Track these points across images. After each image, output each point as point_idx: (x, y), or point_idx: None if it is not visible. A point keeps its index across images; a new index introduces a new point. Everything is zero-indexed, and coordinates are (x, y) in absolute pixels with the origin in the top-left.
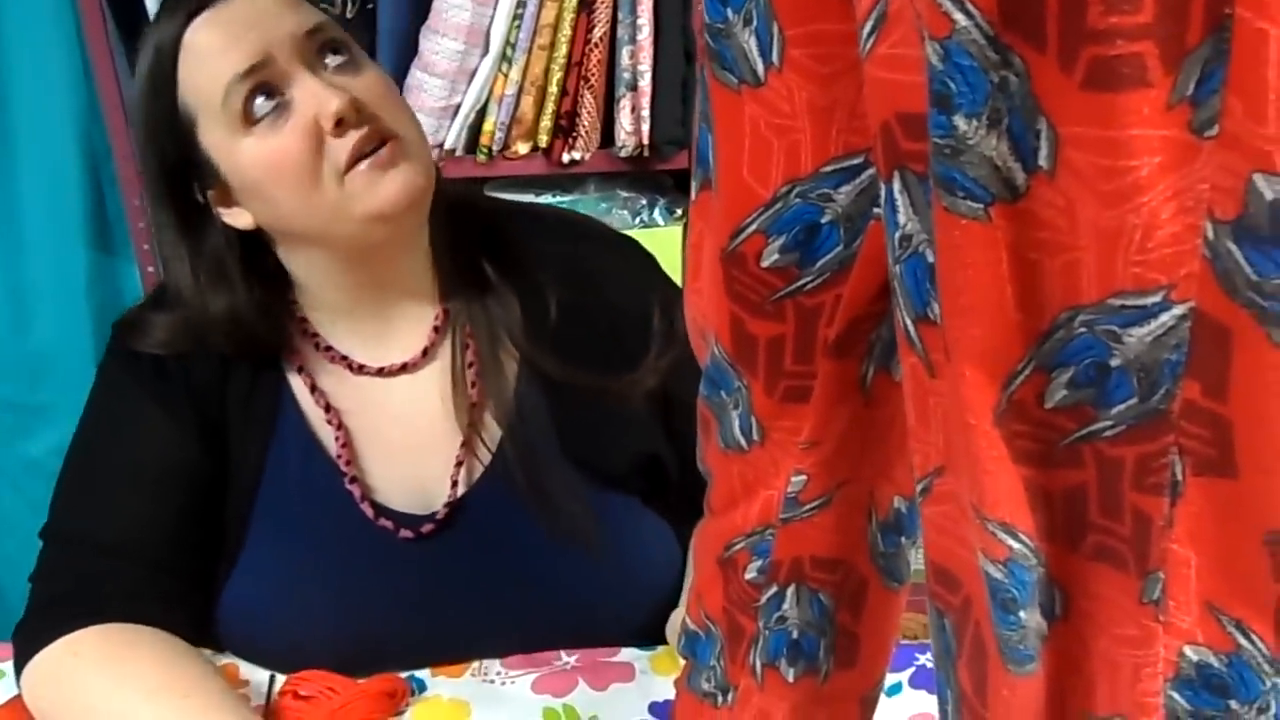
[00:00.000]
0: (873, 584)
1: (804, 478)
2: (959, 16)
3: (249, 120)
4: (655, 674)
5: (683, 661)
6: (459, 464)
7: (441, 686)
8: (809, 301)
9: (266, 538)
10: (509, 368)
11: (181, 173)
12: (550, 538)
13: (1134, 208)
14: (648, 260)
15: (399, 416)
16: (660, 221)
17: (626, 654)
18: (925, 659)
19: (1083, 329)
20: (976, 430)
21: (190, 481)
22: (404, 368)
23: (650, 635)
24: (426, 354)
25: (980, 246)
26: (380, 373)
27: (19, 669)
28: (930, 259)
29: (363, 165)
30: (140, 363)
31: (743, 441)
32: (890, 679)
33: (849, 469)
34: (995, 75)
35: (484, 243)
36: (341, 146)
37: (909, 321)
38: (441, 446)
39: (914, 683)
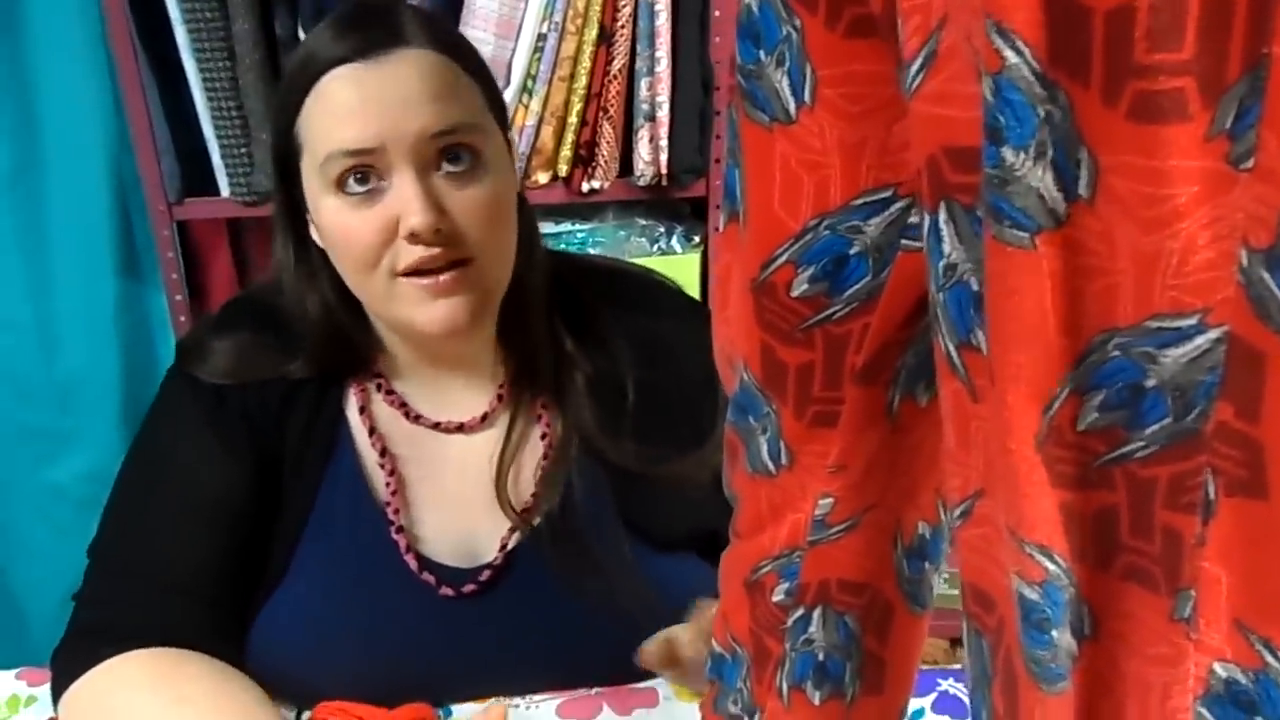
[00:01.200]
0: (898, 609)
1: (831, 501)
2: (1009, 54)
3: (340, 187)
4: (679, 700)
5: (707, 686)
6: (511, 529)
7: (468, 711)
8: (837, 330)
9: (305, 573)
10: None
11: (289, 167)
12: (596, 608)
13: (1173, 233)
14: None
15: (454, 472)
16: (678, 249)
17: (651, 681)
18: (948, 684)
19: (1117, 352)
20: (1017, 455)
21: (241, 516)
22: (461, 427)
23: None
24: (485, 419)
25: (1026, 274)
26: (437, 427)
27: (58, 691)
28: (975, 287)
29: (419, 280)
30: (200, 389)
31: (771, 466)
32: (913, 704)
33: (875, 494)
34: (1042, 109)
35: (561, 308)
36: (407, 253)
37: (952, 348)
38: (493, 507)
39: (936, 708)
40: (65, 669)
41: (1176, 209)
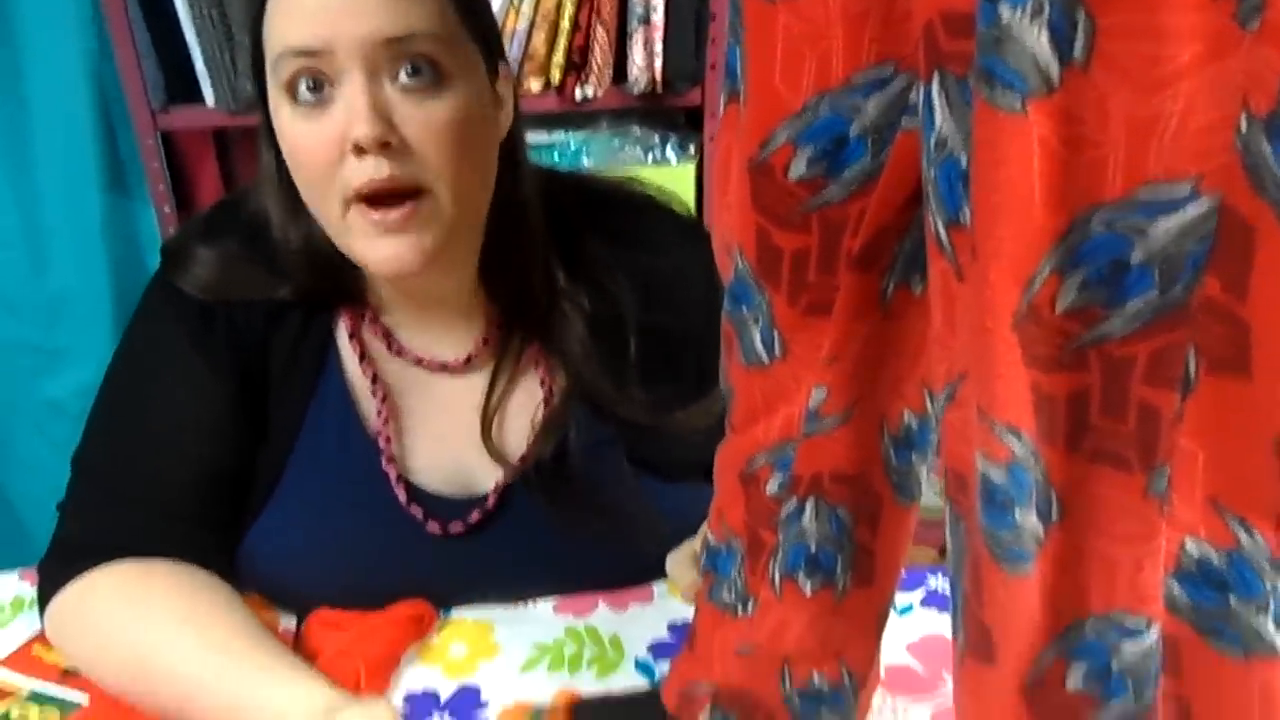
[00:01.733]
0: (886, 500)
1: (825, 392)
2: None
3: (292, 94)
4: (674, 597)
5: (702, 578)
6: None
7: (465, 609)
8: (834, 214)
9: (293, 499)
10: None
11: (263, 75)
12: (596, 550)
13: (1172, 94)
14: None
15: (442, 410)
16: (672, 159)
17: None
18: (936, 581)
19: (1101, 227)
20: (994, 334)
21: (224, 435)
22: (445, 367)
23: None
24: (470, 363)
25: (1015, 141)
26: (420, 363)
27: (43, 602)
28: (964, 164)
29: (369, 213)
30: (185, 301)
31: (764, 356)
32: (902, 599)
33: (866, 383)
34: None
35: (553, 239)
36: (356, 172)
37: (940, 226)
38: (485, 449)
39: (925, 603)
40: (48, 580)
41: (1177, 69)
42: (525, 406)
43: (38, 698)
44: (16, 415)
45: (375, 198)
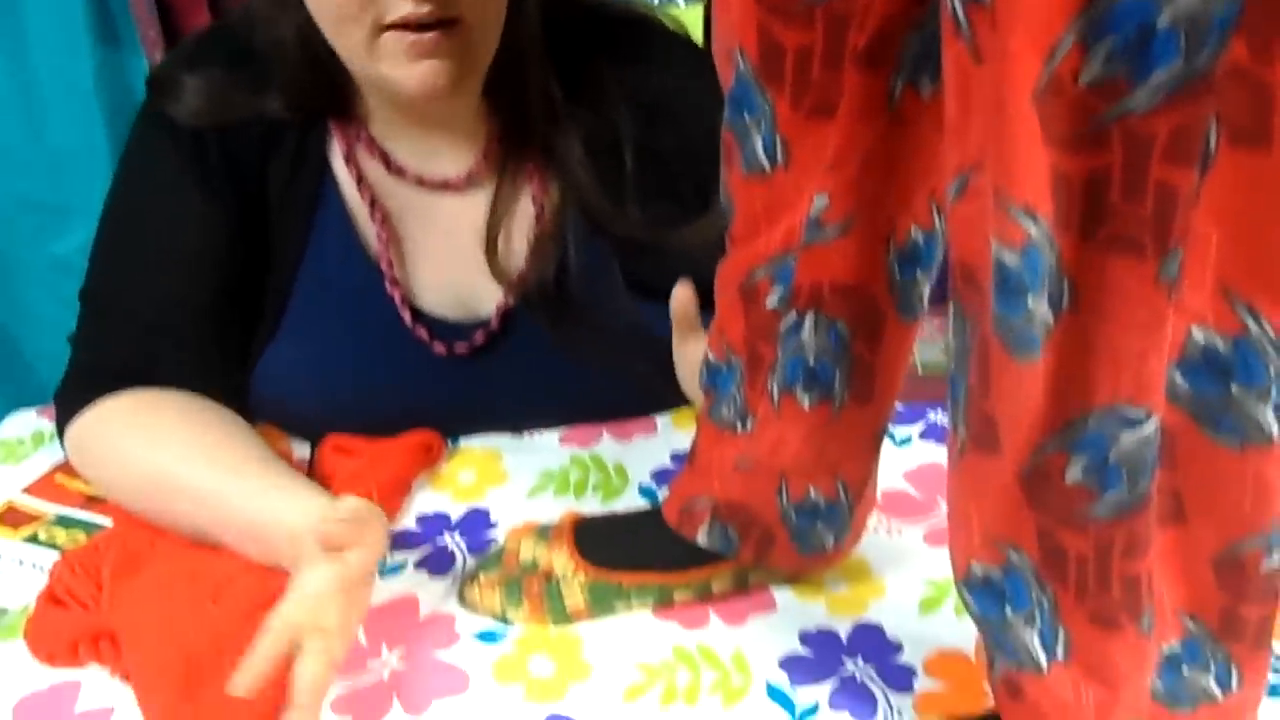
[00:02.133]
0: (887, 315)
1: (826, 199)
2: None
3: None
4: (677, 428)
5: (703, 397)
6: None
7: (473, 439)
8: (839, 6)
9: (301, 326)
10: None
11: None
12: (598, 372)
13: None
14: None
15: (444, 231)
16: (680, 1)
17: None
18: (935, 415)
19: None
20: (1013, 110)
21: (226, 261)
22: (446, 185)
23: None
24: (471, 179)
25: None
26: (420, 183)
27: (61, 430)
28: None
29: (403, 35)
30: (178, 134)
31: (766, 164)
32: (901, 432)
33: (871, 192)
34: None
35: (553, 59)
36: (395, 6)
37: (957, 4)
38: (487, 269)
39: (924, 436)
40: (64, 408)
41: None
42: (523, 225)
43: (64, 521)
44: (25, 273)
45: (410, 24)
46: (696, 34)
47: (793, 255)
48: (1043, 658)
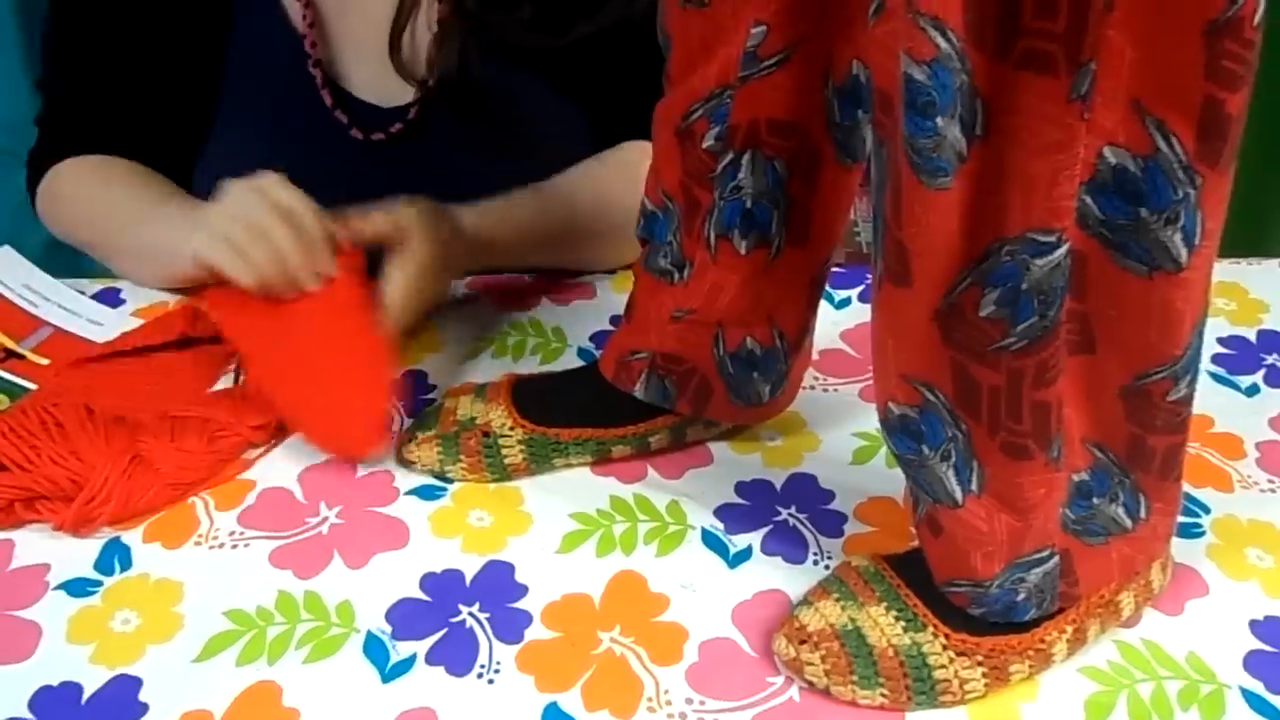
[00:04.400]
0: (826, 156)
1: (764, 29)
2: None
3: None
4: (615, 292)
5: (640, 244)
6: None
7: None
8: None
9: (234, 118)
10: None
11: None
12: (512, 161)
13: None
14: None
15: (364, 17)
16: None
17: (588, 277)
18: None
19: None
20: None
21: (163, 41)
22: None
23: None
24: None
25: None
26: None
27: (31, 190)
28: None
29: None
30: None
31: None
32: (840, 294)
33: (810, 23)
34: None
35: None
36: None
37: None
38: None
39: (862, 298)
40: (32, 170)
41: None
42: (430, 18)
43: None
44: None
45: None
46: None
47: (730, 91)
48: (958, 492)
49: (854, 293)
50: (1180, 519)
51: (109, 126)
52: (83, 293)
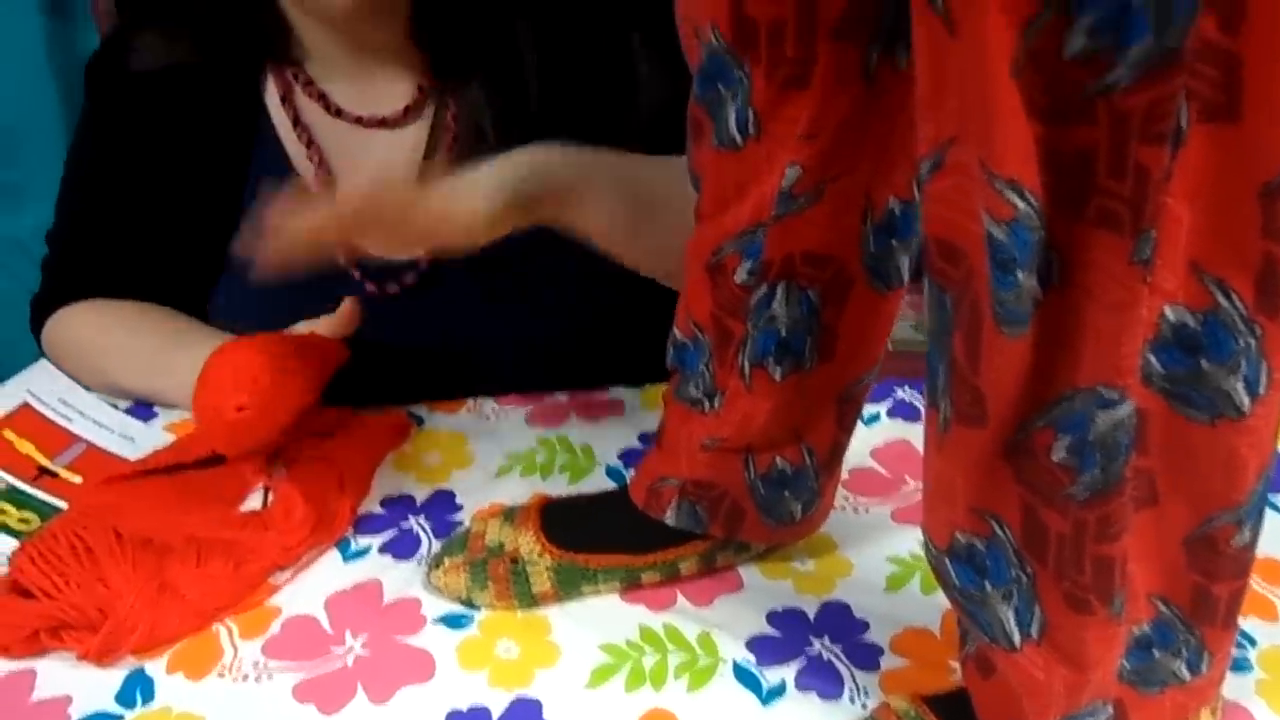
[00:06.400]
0: (859, 282)
1: (799, 170)
2: None
3: None
4: (645, 409)
5: (670, 373)
6: None
7: (439, 421)
8: None
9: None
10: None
11: None
12: (530, 311)
13: None
14: None
15: (380, 166)
16: None
17: (617, 391)
18: (903, 392)
19: None
20: (993, 83)
21: (176, 197)
22: (384, 122)
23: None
24: (408, 113)
25: None
26: (359, 121)
27: (36, 334)
28: None
29: None
30: (125, 80)
31: (738, 137)
32: (869, 410)
33: (846, 162)
34: None
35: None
36: None
37: None
38: None
39: (891, 413)
40: (35, 313)
41: None
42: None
43: (15, 495)
44: None
45: None
46: None
47: (763, 228)
48: (1016, 635)
49: (882, 408)
50: None
51: (117, 270)
52: (116, 405)
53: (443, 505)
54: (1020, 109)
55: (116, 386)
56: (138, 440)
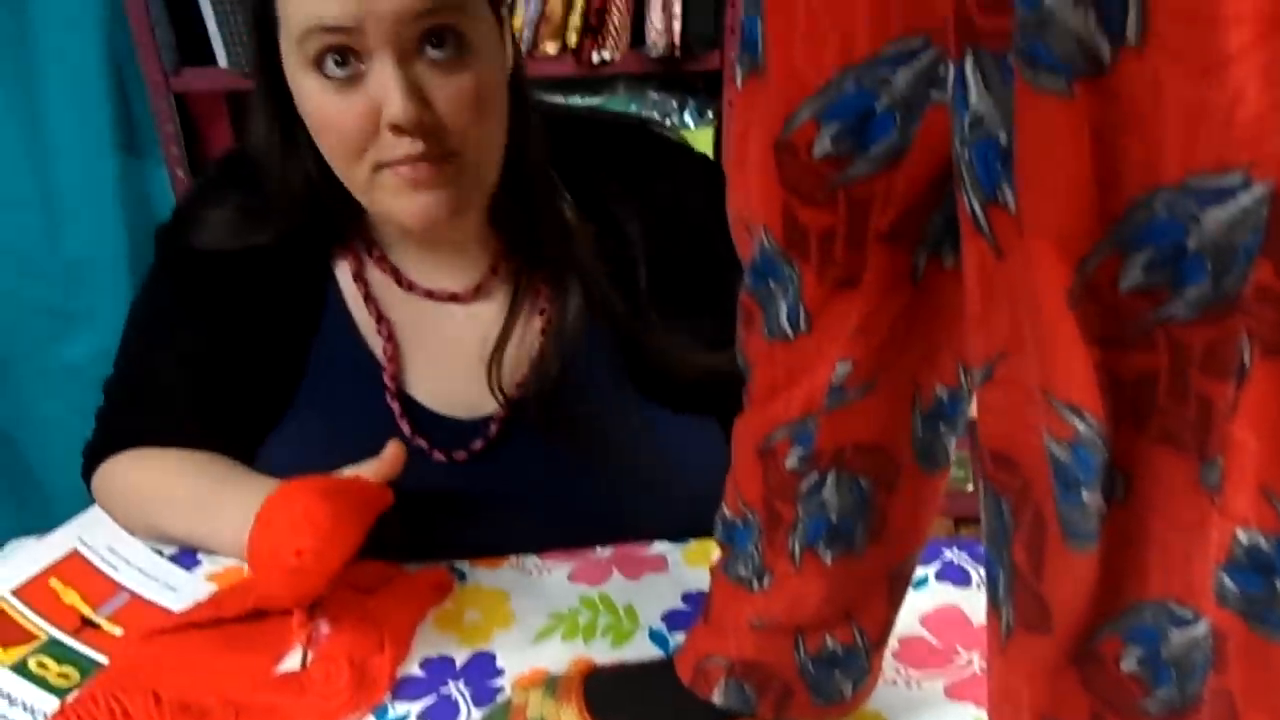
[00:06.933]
0: (907, 467)
1: (849, 366)
2: None
3: (319, 68)
4: (687, 565)
5: (718, 550)
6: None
7: (481, 577)
8: (861, 190)
9: (300, 431)
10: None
11: (269, 39)
12: (596, 483)
13: (1220, 82)
14: (714, 173)
15: (449, 340)
16: (690, 124)
17: (659, 546)
18: (952, 554)
19: (1163, 210)
20: (1048, 311)
21: (234, 368)
22: (455, 297)
23: (684, 531)
24: (480, 290)
25: (1062, 123)
26: (430, 295)
27: (87, 479)
28: (1003, 141)
29: (400, 170)
30: (195, 256)
31: (789, 331)
32: (918, 572)
33: (895, 357)
34: None
35: (559, 173)
36: (391, 146)
37: (976, 205)
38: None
39: (940, 576)
40: (87, 461)
41: (1227, 54)
42: (523, 337)
43: (57, 648)
44: (36, 379)
45: (408, 159)
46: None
47: (814, 418)
48: None
49: (930, 570)
50: None
51: (171, 426)
52: (161, 553)
53: (483, 668)
54: (1079, 338)
55: (162, 532)
56: (180, 590)
